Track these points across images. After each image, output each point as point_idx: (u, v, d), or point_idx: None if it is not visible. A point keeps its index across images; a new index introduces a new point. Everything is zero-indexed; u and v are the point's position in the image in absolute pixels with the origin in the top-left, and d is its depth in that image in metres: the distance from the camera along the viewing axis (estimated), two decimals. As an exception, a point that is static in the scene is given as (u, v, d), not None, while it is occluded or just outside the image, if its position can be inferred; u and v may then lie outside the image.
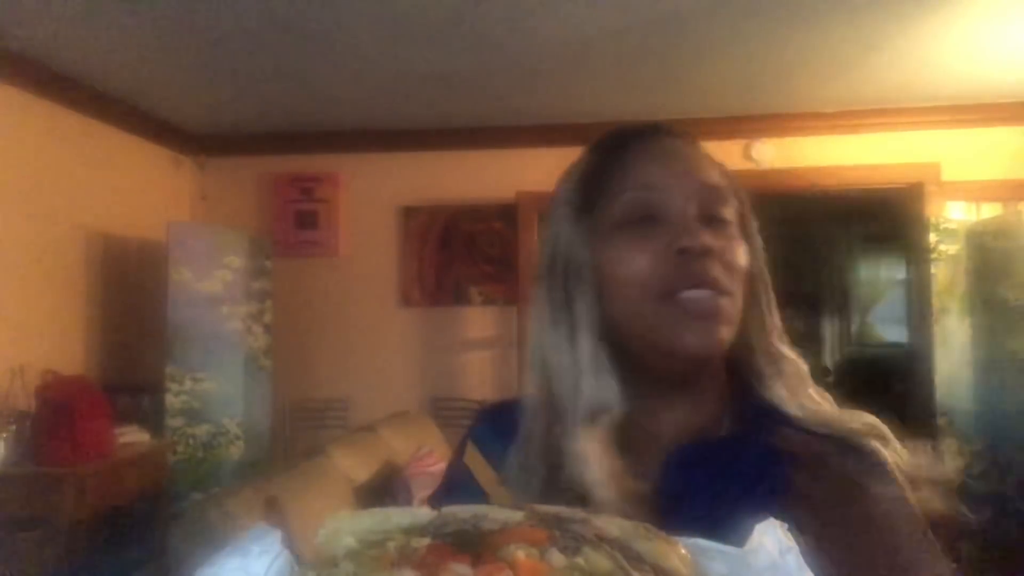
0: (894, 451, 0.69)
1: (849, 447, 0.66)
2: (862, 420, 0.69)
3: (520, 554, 0.38)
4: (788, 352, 0.73)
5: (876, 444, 0.68)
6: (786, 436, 0.65)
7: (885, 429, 0.70)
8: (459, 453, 0.79)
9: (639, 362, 0.69)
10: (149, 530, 3.28)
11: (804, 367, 0.73)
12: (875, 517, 0.60)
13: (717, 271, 0.66)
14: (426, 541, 0.39)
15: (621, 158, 0.71)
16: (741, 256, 0.68)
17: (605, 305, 0.69)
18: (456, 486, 0.77)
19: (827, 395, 0.74)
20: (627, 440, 0.68)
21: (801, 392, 0.72)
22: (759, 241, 0.74)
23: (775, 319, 0.73)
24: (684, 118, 4.12)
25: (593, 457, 0.65)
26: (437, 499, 0.78)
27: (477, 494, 0.73)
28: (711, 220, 0.68)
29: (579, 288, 0.70)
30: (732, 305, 0.67)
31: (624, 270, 0.68)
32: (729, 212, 0.69)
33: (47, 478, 2.81)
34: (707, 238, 0.66)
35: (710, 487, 0.67)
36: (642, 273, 0.67)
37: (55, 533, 2.74)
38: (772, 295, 0.73)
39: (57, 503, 2.78)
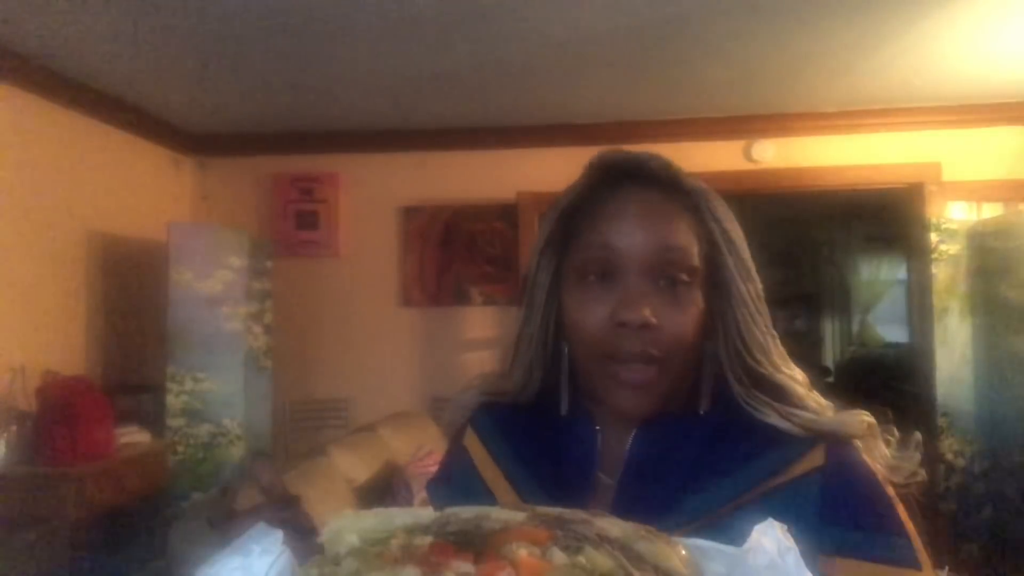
0: (874, 451, 0.71)
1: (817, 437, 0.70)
2: (842, 420, 0.71)
3: (522, 552, 0.38)
4: (776, 375, 0.73)
5: (855, 442, 0.71)
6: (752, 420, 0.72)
7: (866, 430, 0.71)
8: (458, 438, 0.87)
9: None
10: (149, 530, 3.29)
11: (795, 385, 0.74)
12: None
13: (651, 344, 0.71)
14: (429, 539, 0.40)
15: (596, 204, 0.76)
16: (687, 324, 0.72)
17: (568, 341, 0.77)
18: (453, 468, 0.86)
19: (824, 402, 0.74)
20: (599, 419, 0.78)
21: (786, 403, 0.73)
22: (742, 268, 0.75)
23: (757, 340, 0.74)
24: (684, 118, 4.13)
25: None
26: (436, 482, 0.89)
27: (472, 475, 0.82)
28: (665, 282, 0.72)
29: (535, 314, 0.80)
30: (664, 373, 0.72)
31: (576, 326, 0.74)
32: (685, 274, 0.72)
33: (47, 478, 2.81)
34: (646, 312, 0.70)
35: (673, 451, 0.73)
36: (587, 335, 0.73)
37: (55, 533, 2.74)
38: (754, 318, 0.74)
39: (57, 503, 2.78)
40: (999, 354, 3.71)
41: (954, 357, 3.86)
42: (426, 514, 0.44)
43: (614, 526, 0.44)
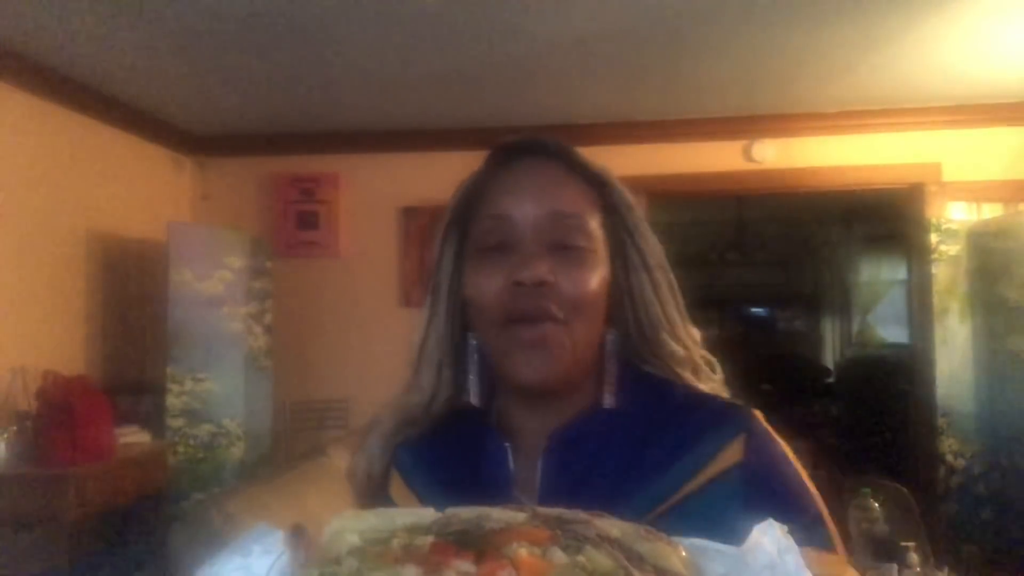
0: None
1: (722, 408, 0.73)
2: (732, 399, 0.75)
3: (523, 552, 0.38)
4: (675, 347, 0.75)
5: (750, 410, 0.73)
6: (661, 403, 0.73)
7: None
8: (381, 489, 0.81)
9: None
10: (149, 530, 3.28)
11: (695, 357, 0.77)
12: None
13: (550, 302, 0.69)
14: (430, 539, 0.40)
15: (491, 181, 0.77)
16: (586, 283, 0.71)
17: (472, 321, 0.76)
18: None
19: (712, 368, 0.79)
20: (512, 431, 0.76)
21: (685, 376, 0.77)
22: (645, 243, 0.76)
23: (666, 313, 0.75)
24: (684, 118, 4.13)
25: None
26: None
27: None
28: (560, 248, 0.71)
29: (440, 304, 0.79)
30: (566, 334, 0.70)
31: (476, 295, 0.73)
32: (582, 239, 0.72)
33: (47, 478, 2.81)
34: (543, 270, 0.69)
35: (588, 462, 0.71)
36: (487, 301, 0.72)
37: (55, 533, 2.74)
38: (661, 292, 0.76)
39: (57, 503, 2.77)
40: (999, 354, 3.71)
41: (954, 357, 3.86)
42: (427, 514, 0.44)
43: (614, 526, 0.44)
